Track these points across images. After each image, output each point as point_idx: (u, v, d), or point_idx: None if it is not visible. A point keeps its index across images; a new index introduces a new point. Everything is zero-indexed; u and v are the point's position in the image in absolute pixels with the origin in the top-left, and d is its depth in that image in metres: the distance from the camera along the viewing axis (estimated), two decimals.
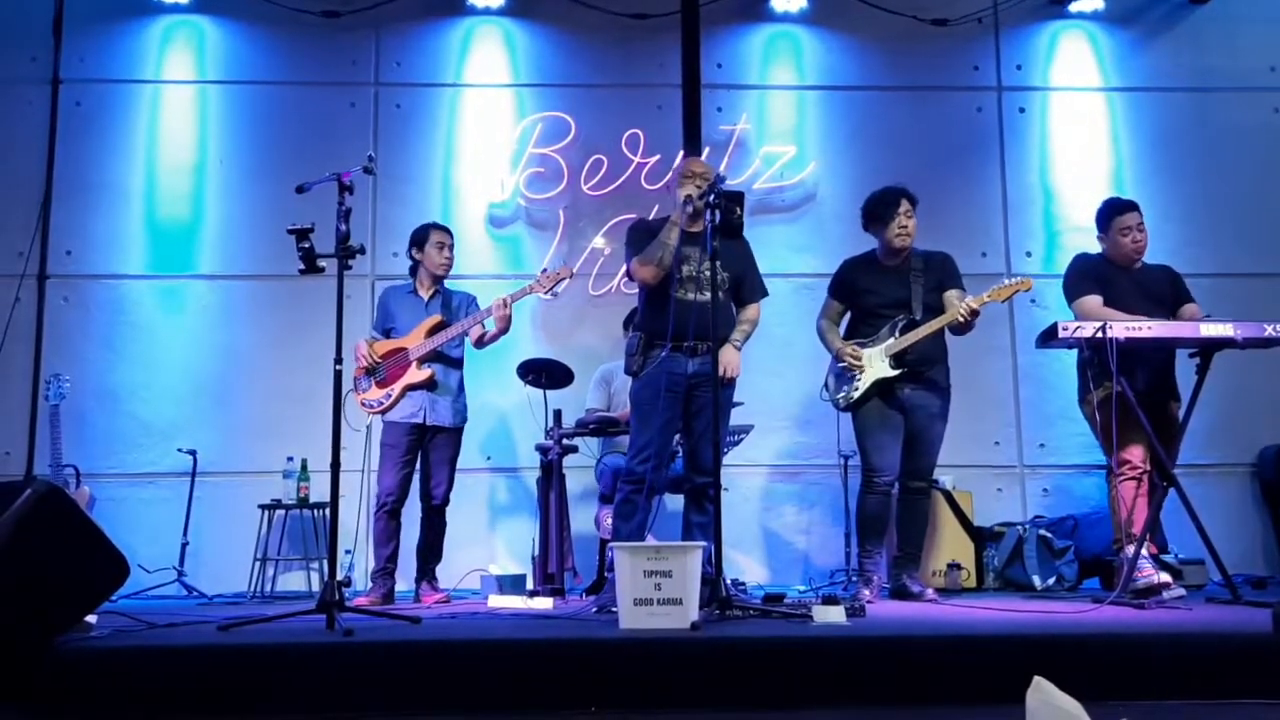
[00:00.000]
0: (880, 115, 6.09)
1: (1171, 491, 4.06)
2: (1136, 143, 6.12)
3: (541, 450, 4.98)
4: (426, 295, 4.78)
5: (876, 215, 4.43)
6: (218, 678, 2.69)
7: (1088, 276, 4.31)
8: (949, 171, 5.98)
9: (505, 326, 4.56)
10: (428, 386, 4.61)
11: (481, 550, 5.56)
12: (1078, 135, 6.12)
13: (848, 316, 4.57)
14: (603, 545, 4.89)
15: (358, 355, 4.63)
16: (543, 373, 5.05)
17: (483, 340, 4.69)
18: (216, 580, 5.26)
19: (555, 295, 5.29)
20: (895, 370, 4.29)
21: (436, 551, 4.75)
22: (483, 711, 2.63)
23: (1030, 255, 5.97)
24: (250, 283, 5.81)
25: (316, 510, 5.33)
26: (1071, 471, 5.78)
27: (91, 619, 3.06)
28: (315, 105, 5.98)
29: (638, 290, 4.17)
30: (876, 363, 4.32)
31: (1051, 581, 4.89)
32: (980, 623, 3.35)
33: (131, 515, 5.50)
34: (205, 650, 2.82)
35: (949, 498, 5.15)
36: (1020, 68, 6.18)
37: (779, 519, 5.77)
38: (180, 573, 5.20)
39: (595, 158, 5.93)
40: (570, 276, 4.77)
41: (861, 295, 4.47)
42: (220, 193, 5.91)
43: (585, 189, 5.92)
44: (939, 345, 4.38)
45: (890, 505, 4.41)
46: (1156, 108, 6.15)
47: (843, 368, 4.40)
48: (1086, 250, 4.48)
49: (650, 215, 5.47)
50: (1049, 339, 4.11)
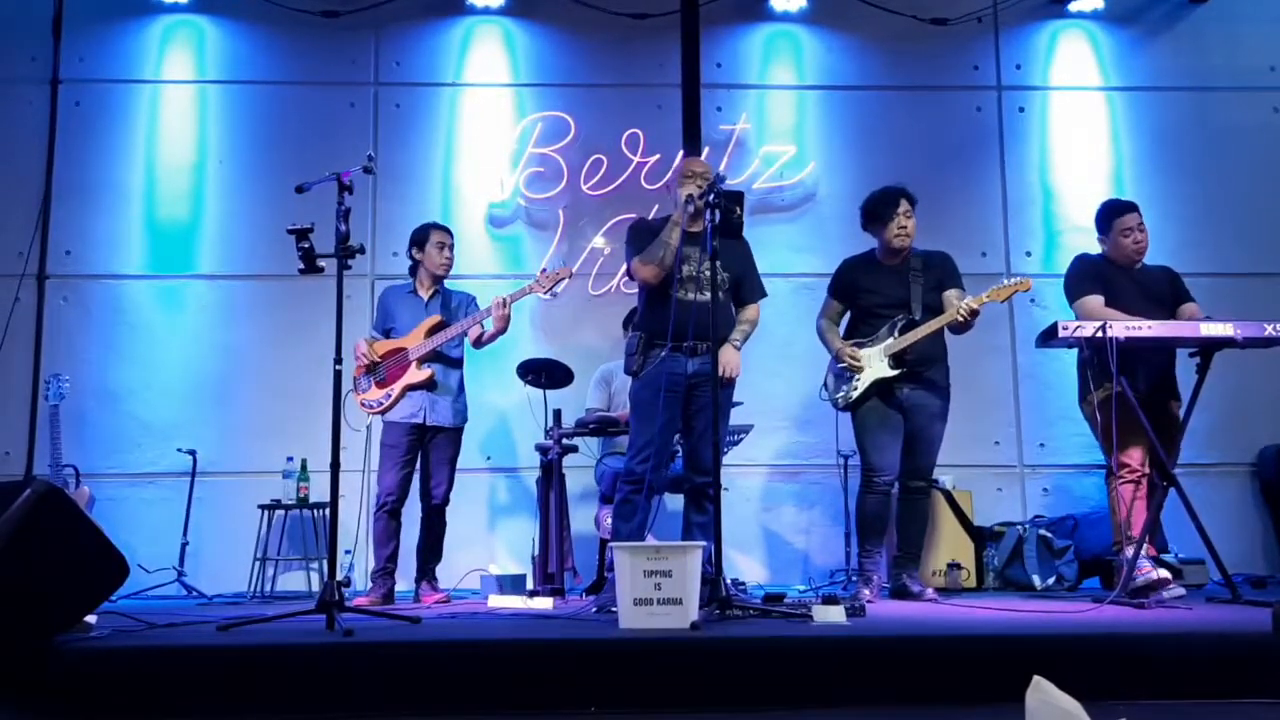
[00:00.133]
0: (880, 115, 6.09)
1: (1172, 491, 4.06)
2: (1136, 142, 6.12)
3: (541, 450, 4.98)
4: (426, 295, 4.78)
5: (876, 215, 4.43)
6: (217, 678, 2.68)
7: (1089, 277, 4.31)
8: (949, 171, 5.99)
9: (504, 326, 4.56)
10: (427, 386, 4.60)
11: (481, 550, 5.56)
12: (1077, 135, 6.12)
13: (847, 316, 4.57)
14: (603, 545, 4.89)
15: (357, 355, 4.63)
16: (542, 372, 5.05)
17: (481, 340, 4.69)
18: (216, 580, 5.27)
19: (554, 295, 5.30)
20: (894, 370, 4.28)
21: (436, 551, 4.75)
22: (483, 711, 2.63)
23: (1030, 255, 5.97)
24: (250, 283, 5.81)
25: (316, 510, 5.33)
26: (1071, 471, 5.78)
27: (91, 619, 3.06)
28: (315, 105, 5.98)
29: (638, 290, 4.17)
30: (875, 363, 4.32)
31: (1051, 581, 4.89)
32: (980, 623, 3.35)
33: (131, 515, 5.50)
34: (205, 650, 2.82)
35: (949, 497, 5.15)
36: (1020, 67, 6.19)
37: (779, 519, 5.77)
38: (180, 573, 5.20)
39: (595, 157, 5.93)
40: (569, 276, 4.77)
41: (861, 295, 4.47)
42: (220, 192, 5.91)
43: (585, 189, 5.92)
44: (938, 345, 4.38)
45: (890, 505, 4.41)
46: (1156, 107, 6.15)
47: (842, 367, 4.40)
48: (1087, 250, 4.48)
49: (650, 215, 5.47)
50: (1049, 339, 4.11)
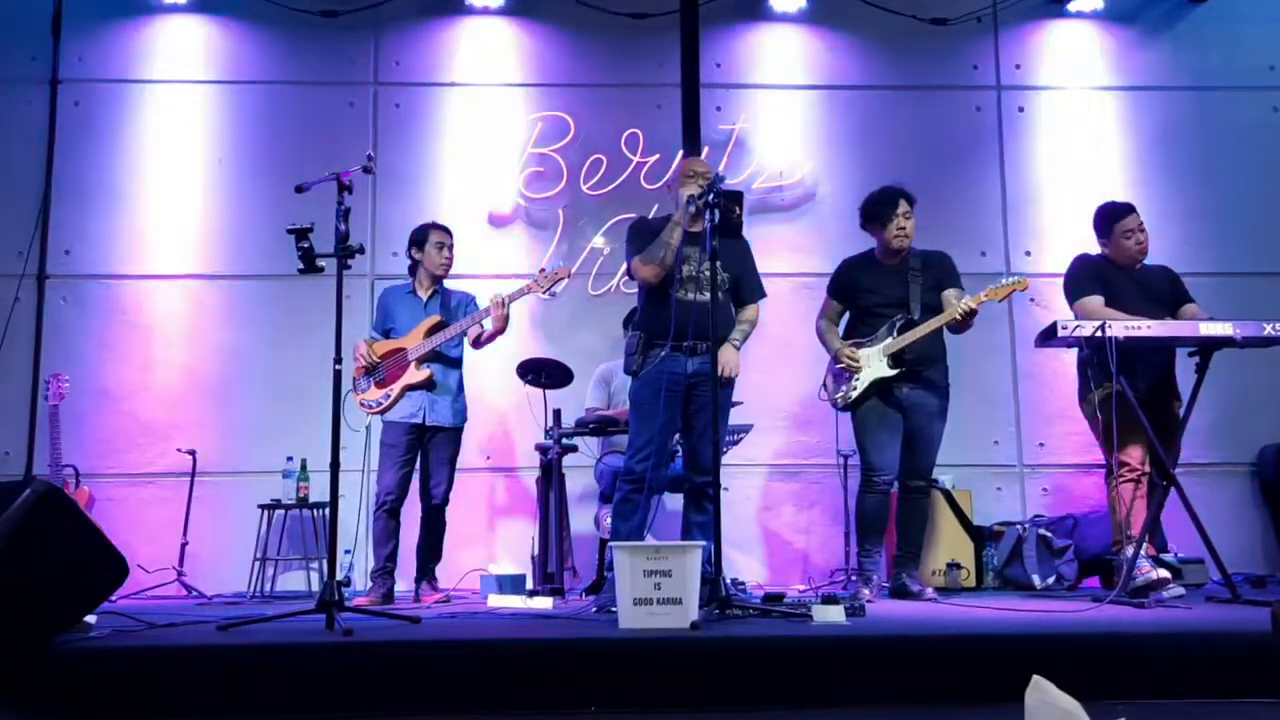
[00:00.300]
0: (879, 114, 6.09)
1: (1172, 491, 4.06)
2: (1136, 142, 6.12)
3: (541, 450, 4.98)
4: (425, 295, 4.78)
5: (875, 215, 4.43)
6: (217, 678, 2.68)
7: (1089, 277, 4.31)
8: (948, 171, 5.98)
9: (503, 326, 4.55)
10: (426, 387, 4.60)
11: (481, 550, 5.56)
12: (1077, 134, 6.12)
13: (846, 316, 4.58)
14: (602, 545, 4.89)
15: (356, 355, 4.63)
16: (542, 372, 5.05)
17: (480, 340, 4.69)
18: (216, 580, 5.26)
19: (553, 295, 5.30)
20: (893, 370, 4.29)
21: (436, 551, 4.75)
22: (483, 711, 2.63)
23: (1030, 254, 5.97)
24: (249, 282, 5.81)
25: (316, 510, 5.33)
26: (1071, 471, 5.78)
27: (91, 619, 3.06)
28: (314, 105, 5.98)
29: (637, 289, 4.17)
30: (874, 362, 4.32)
31: (1051, 581, 4.89)
32: (980, 622, 3.36)
33: (131, 515, 5.50)
34: (205, 650, 2.82)
35: (948, 497, 5.16)
36: (1019, 67, 6.18)
37: (778, 518, 5.77)
38: (180, 573, 5.19)
39: (595, 157, 5.92)
40: (568, 276, 4.78)
41: (860, 295, 4.47)
42: (219, 192, 5.91)
43: (585, 188, 5.92)
44: (937, 344, 4.39)
45: (889, 504, 4.41)
46: (1156, 106, 6.15)
47: (841, 367, 4.40)
48: (1086, 250, 4.48)
49: (650, 215, 5.47)
50: (1048, 338, 4.11)
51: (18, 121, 5.88)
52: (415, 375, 4.58)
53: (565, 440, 4.94)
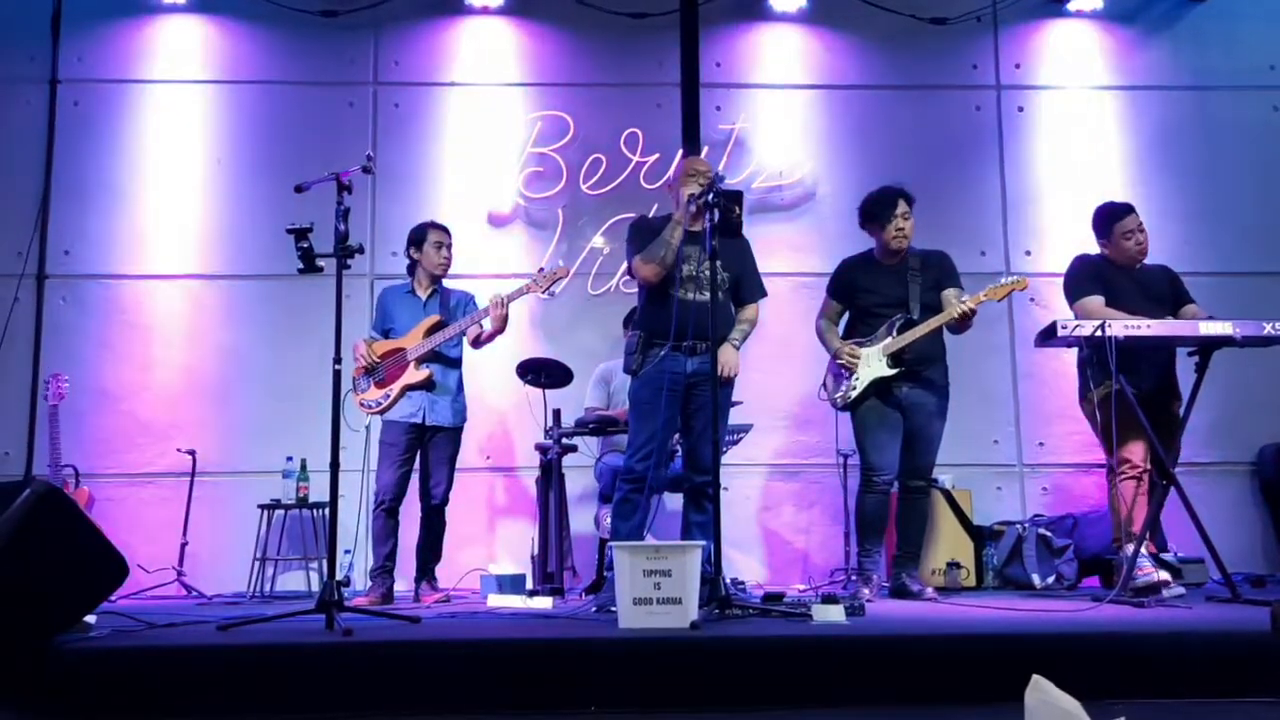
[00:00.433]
0: (879, 114, 6.09)
1: (1171, 490, 4.06)
2: (1136, 141, 6.12)
3: (541, 450, 4.98)
4: (424, 295, 4.78)
5: (873, 216, 4.43)
6: (217, 678, 2.68)
7: (1089, 277, 4.31)
8: (948, 170, 5.98)
9: (502, 326, 4.55)
10: (426, 387, 4.60)
11: (481, 550, 5.55)
12: (1077, 134, 6.12)
13: (846, 316, 4.58)
14: (602, 544, 4.89)
15: (356, 355, 4.63)
16: (542, 372, 5.05)
17: (480, 340, 4.68)
18: (216, 580, 5.26)
19: (552, 295, 5.30)
20: (892, 369, 4.29)
21: (436, 551, 4.75)
22: (482, 711, 2.63)
23: (1029, 254, 5.97)
24: (249, 282, 5.81)
25: (316, 510, 5.33)
26: (1071, 470, 5.78)
27: (91, 619, 3.06)
28: (314, 105, 5.97)
29: (637, 289, 4.17)
30: (874, 362, 4.32)
31: (1051, 580, 4.89)
32: (979, 622, 3.36)
33: (130, 515, 5.50)
34: (204, 650, 2.82)
35: (948, 497, 5.15)
36: (1019, 66, 6.18)
37: (778, 518, 5.77)
38: (179, 573, 5.19)
39: (594, 157, 5.92)
40: (566, 276, 4.78)
41: (859, 294, 4.47)
42: (218, 192, 5.91)
43: (584, 188, 5.91)
44: (936, 344, 4.39)
45: (889, 504, 4.41)
46: (1156, 106, 6.14)
47: (841, 366, 4.40)
48: (1086, 249, 4.48)
49: (650, 214, 5.46)
50: (1048, 337, 4.11)
51: (17, 121, 5.88)
52: (414, 375, 4.58)
53: (565, 440, 4.94)
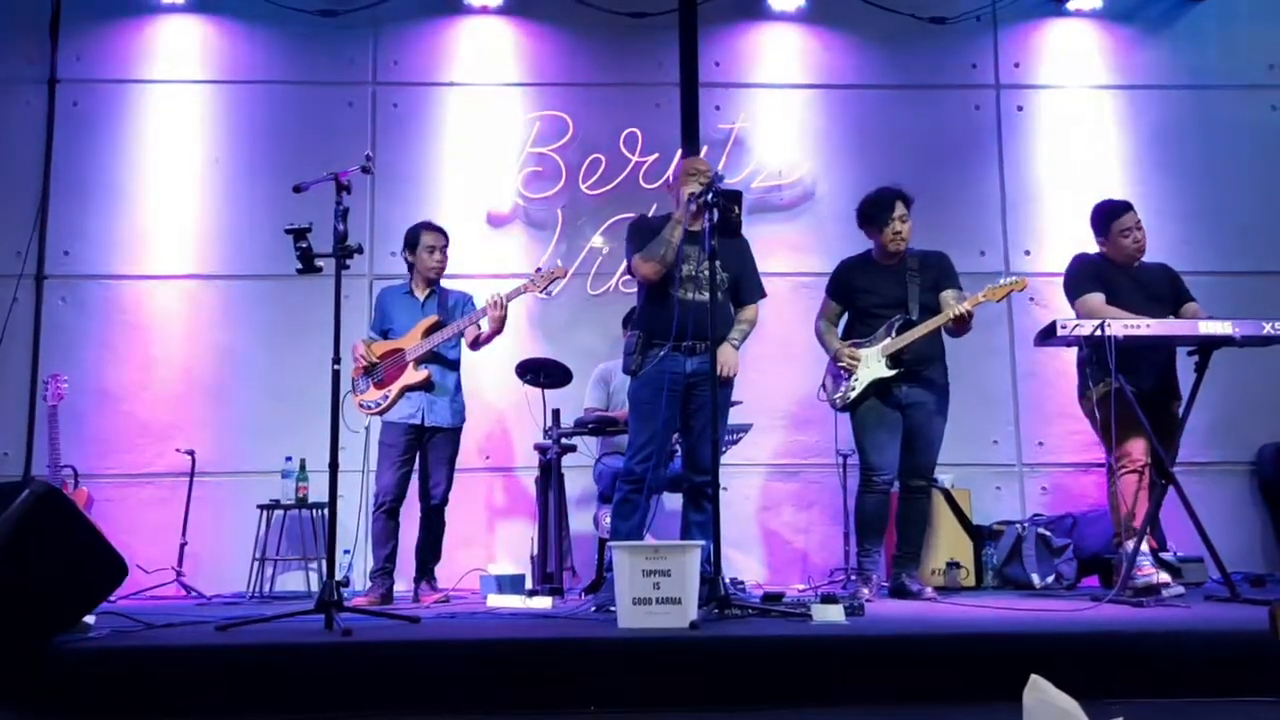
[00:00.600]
0: (878, 113, 6.08)
1: (1171, 490, 4.06)
2: (1135, 140, 6.12)
3: (540, 450, 4.98)
4: (422, 295, 4.78)
5: (871, 218, 4.43)
6: (216, 678, 2.68)
7: (1088, 275, 4.31)
8: (947, 170, 5.98)
9: (500, 327, 4.55)
10: (425, 387, 4.60)
11: (480, 550, 5.55)
12: (1076, 133, 6.11)
13: (845, 317, 4.58)
14: (601, 544, 4.89)
15: (355, 356, 4.63)
16: (541, 372, 5.05)
17: (478, 341, 4.68)
18: (215, 580, 5.26)
19: (550, 294, 5.30)
20: (891, 370, 4.29)
21: (435, 551, 4.75)
22: (482, 711, 2.63)
23: (1029, 253, 5.97)
24: (248, 282, 5.81)
25: (315, 510, 5.33)
26: (1070, 470, 5.78)
27: (90, 619, 3.06)
28: (312, 104, 5.97)
29: (637, 289, 4.17)
30: (873, 363, 4.32)
31: (1050, 580, 4.89)
32: (979, 621, 3.36)
33: (130, 515, 5.49)
34: (203, 651, 2.82)
35: (948, 496, 5.15)
36: (1018, 65, 6.18)
37: (778, 518, 5.77)
38: (179, 573, 5.19)
39: (593, 157, 5.92)
40: (564, 276, 4.77)
41: (858, 295, 4.47)
42: (217, 192, 5.90)
43: (583, 188, 5.91)
44: (935, 344, 4.39)
45: (889, 504, 4.41)
46: (1155, 105, 6.14)
47: (840, 367, 4.40)
48: (1085, 248, 4.48)
49: (649, 214, 5.46)
50: (1048, 337, 4.11)
51: (16, 121, 5.87)
52: (413, 376, 4.58)
53: (564, 440, 4.94)
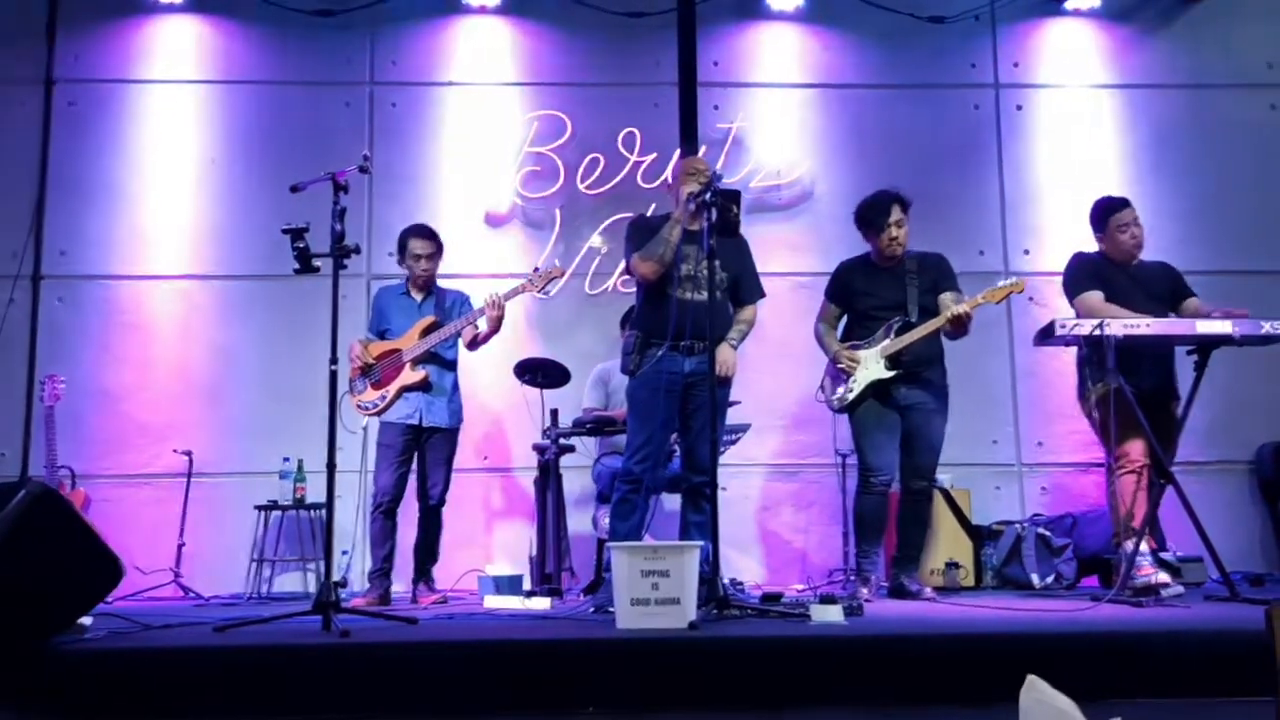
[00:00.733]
0: (877, 113, 6.08)
1: (1170, 489, 4.05)
2: (1134, 139, 6.12)
3: (538, 450, 4.97)
4: (420, 296, 4.77)
5: (868, 222, 4.43)
6: (214, 679, 2.67)
7: (1088, 274, 4.30)
8: (946, 169, 5.98)
9: (497, 327, 4.54)
10: (422, 388, 4.59)
11: (478, 551, 5.55)
12: (1075, 132, 6.11)
13: (844, 319, 4.57)
14: (600, 545, 4.88)
15: (352, 356, 4.62)
16: (539, 372, 5.04)
17: (476, 342, 4.67)
18: (213, 581, 5.26)
19: (548, 294, 5.29)
20: (890, 372, 4.29)
21: (433, 552, 4.74)
22: (480, 712, 2.62)
23: (1028, 253, 5.97)
24: (245, 283, 5.80)
25: (313, 511, 5.32)
26: (1069, 470, 5.78)
27: (87, 620, 3.05)
28: (310, 104, 5.96)
29: (635, 289, 4.16)
30: (871, 364, 4.32)
31: (1050, 580, 4.89)
32: (978, 621, 3.35)
33: (127, 516, 5.48)
34: (201, 651, 2.81)
35: (947, 496, 5.15)
36: (1017, 65, 6.18)
37: (776, 518, 5.76)
38: (176, 574, 5.19)
39: (591, 156, 5.91)
40: (562, 275, 4.76)
41: (857, 298, 4.47)
42: (214, 192, 5.89)
43: (582, 188, 5.91)
44: (934, 345, 4.38)
45: (888, 505, 4.41)
46: (1153, 104, 6.14)
47: (839, 369, 4.40)
48: (1084, 248, 4.48)
49: (648, 213, 5.46)
50: (1047, 336, 4.11)
51: (12, 121, 5.86)
52: (410, 376, 4.57)
53: (563, 440, 4.93)
